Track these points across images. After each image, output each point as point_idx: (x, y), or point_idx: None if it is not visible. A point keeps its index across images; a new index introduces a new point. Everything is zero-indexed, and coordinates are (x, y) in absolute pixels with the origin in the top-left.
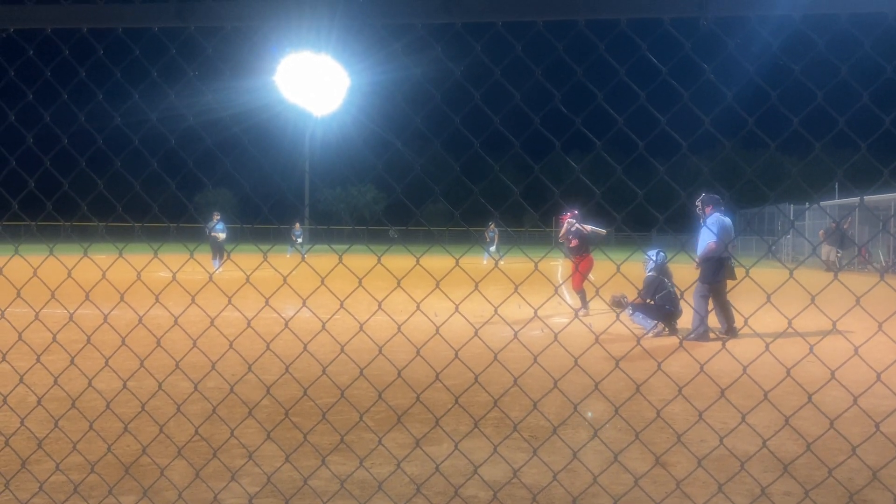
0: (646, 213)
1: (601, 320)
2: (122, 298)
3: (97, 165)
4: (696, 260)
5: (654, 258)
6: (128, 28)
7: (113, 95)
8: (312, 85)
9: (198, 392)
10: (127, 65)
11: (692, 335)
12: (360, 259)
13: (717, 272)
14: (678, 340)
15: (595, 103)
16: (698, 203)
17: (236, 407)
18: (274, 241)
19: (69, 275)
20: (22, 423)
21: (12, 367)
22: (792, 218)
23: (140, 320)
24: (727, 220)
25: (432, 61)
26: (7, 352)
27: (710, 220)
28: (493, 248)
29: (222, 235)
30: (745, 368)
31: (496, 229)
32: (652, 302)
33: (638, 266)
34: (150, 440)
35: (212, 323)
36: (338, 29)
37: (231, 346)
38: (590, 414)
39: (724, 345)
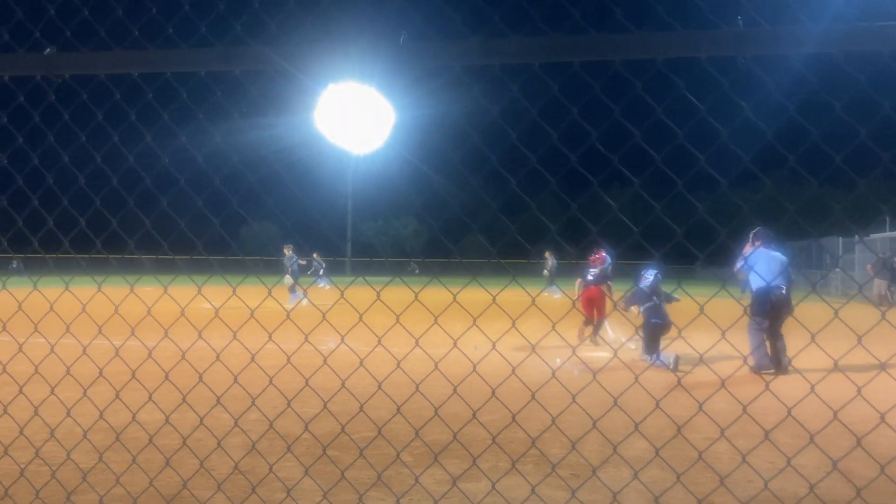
0: (687, 248)
1: (634, 356)
2: (166, 334)
3: (145, 203)
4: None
5: (650, 277)
6: (176, 72)
7: (160, 136)
8: (356, 121)
9: (238, 427)
10: (176, 107)
11: (756, 367)
12: (400, 293)
13: (761, 304)
14: (720, 380)
15: (633, 141)
16: (751, 236)
17: (276, 441)
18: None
19: (116, 310)
20: (68, 455)
21: (59, 399)
22: (840, 252)
23: (183, 356)
24: (776, 254)
25: (471, 100)
26: (56, 384)
27: (754, 254)
28: (553, 286)
29: (290, 268)
30: (789, 410)
31: (553, 259)
32: (639, 311)
33: (685, 303)
34: (191, 474)
35: (252, 359)
36: (380, 71)
37: (271, 381)
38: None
39: (767, 385)
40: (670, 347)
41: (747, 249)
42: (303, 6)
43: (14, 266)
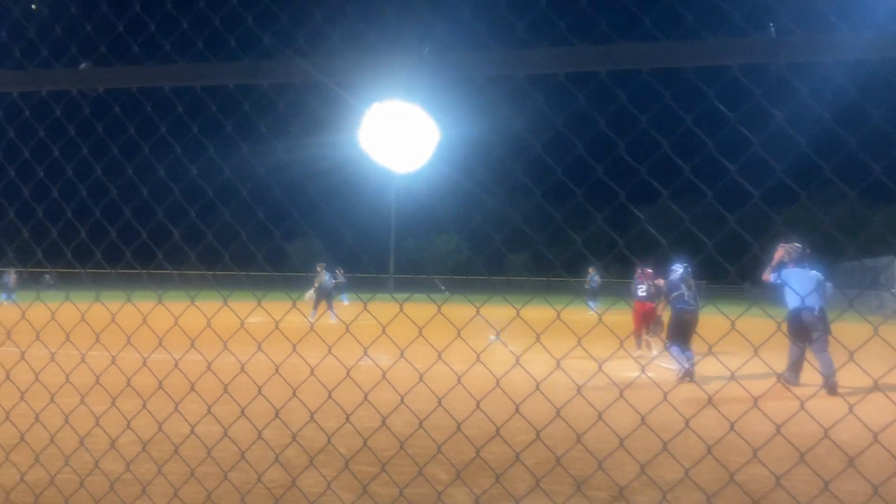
0: (718, 262)
1: (668, 374)
2: (192, 345)
3: (175, 216)
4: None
5: (679, 269)
6: (206, 86)
7: (194, 150)
8: (399, 138)
9: (262, 439)
10: (204, 120)
11: (786, 375)
12: (428, 309)
13: (793, 324)
14: (753, 398)
15: (661, 152)
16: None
17: (300, 455)
18: (362, 289)
19: (144, 321)
20: (96, 464)
21: (89, 408)
22: None
23: (209, 366)
24: (811, 273)
25: (497, 111)
26: (86, 394)
27: (788, 273)
28: (593, 302)
29: (316, 285)
30: (826, 432)
31: (597, 276)
32: (666, 301)
33: (715, 318)
34: (215, 485)
35: (276, 371)
36: (405, 83)
37: (294, 394)
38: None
39: (802, 405)
40: (702, 363)
41: (777, 256)
42: (328, 20)
43: (47, 279)
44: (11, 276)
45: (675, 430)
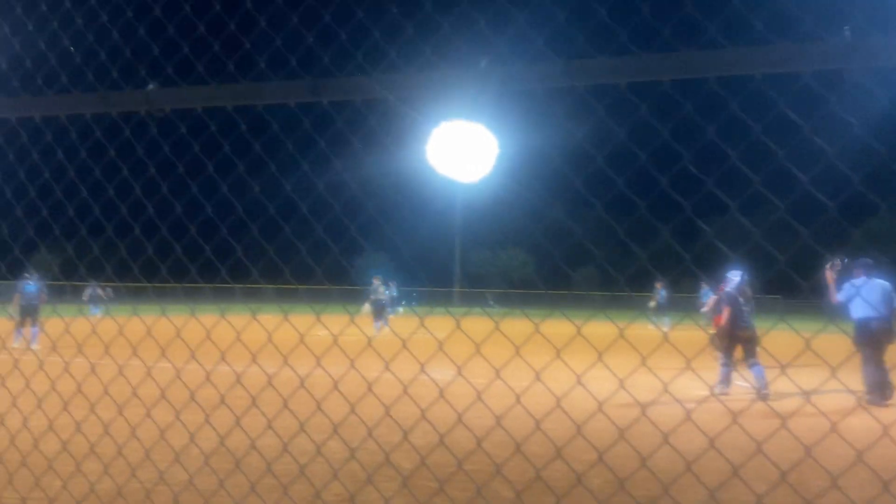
0: (790, 276)
1: (740, 392)
2: (254, 360)
3: (238, 232)
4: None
5: (735, 278)
6: (267, 105)
7: (255, 168)
8: (462, 153)
9: (321, 455)
10: (266, 140)
11: (868, 398)
12: (486, 324)
13: (861, 333)
14: (830, 420)
15: (729, 162)
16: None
17: (360, 470)
18: (431, 302)
19: (208, 335)
20: (161, 476)
21: (154, 421)
22: None
23: (269, 380)
24: (878, 283)
25: (556, 123)
26: (152, 407)
27: (856, 283)
28: (663, 318)
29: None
30: None
31: (664, 290)
32: (726, 314)
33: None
34: (275, 500)
35: (335, 386)
36: (464, 97)
37: (353, 409)
38: None
39: (885, 430)
40: (774, 383)
41: (830, 277)
42: (387, 36)
43: (107, 293)
44: (98, 290)
45: (747, 451)
